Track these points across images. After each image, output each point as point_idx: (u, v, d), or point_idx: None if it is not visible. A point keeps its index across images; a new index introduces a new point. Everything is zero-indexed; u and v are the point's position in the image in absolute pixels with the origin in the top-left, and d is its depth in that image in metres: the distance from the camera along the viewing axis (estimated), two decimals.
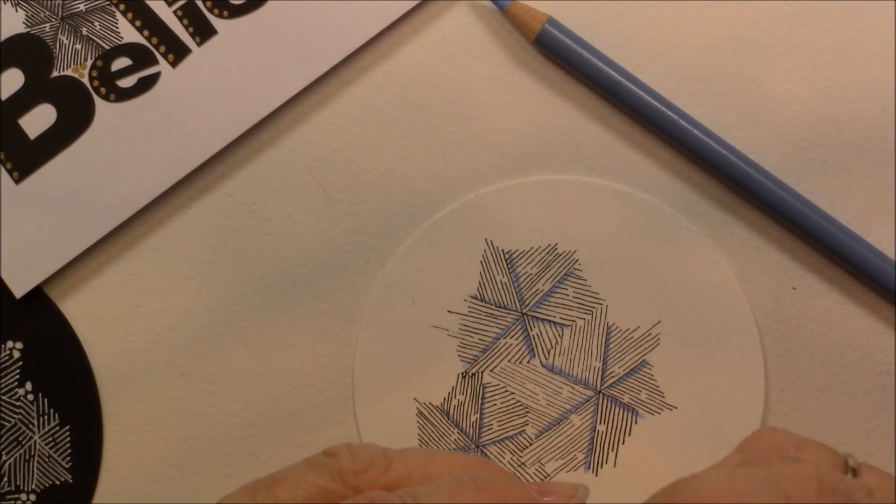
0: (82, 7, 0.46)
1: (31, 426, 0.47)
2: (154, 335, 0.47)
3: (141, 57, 0.46)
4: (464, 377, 0.45)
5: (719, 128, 0.45)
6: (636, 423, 0.45)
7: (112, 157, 0.46)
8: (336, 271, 0.46)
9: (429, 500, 0.27)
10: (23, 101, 0.46)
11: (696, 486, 0.26)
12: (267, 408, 0.46)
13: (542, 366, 0.45)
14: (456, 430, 0.45)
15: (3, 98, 0.46)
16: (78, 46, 0.46)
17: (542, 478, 0.45)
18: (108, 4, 0.46)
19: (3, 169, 0.46)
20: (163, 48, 0.46)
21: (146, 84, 0.46)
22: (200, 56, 0.46)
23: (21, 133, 0.46)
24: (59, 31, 0.46)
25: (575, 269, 0.45)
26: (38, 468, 0.47)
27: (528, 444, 0.45)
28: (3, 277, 0.46)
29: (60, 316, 0.47)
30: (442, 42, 0.46)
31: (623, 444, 0.45)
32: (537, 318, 0.45)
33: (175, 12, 0.46)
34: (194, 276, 0.47)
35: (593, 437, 0.45)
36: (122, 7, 0.46)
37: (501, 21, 0.46)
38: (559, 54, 0.45)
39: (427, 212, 0.46)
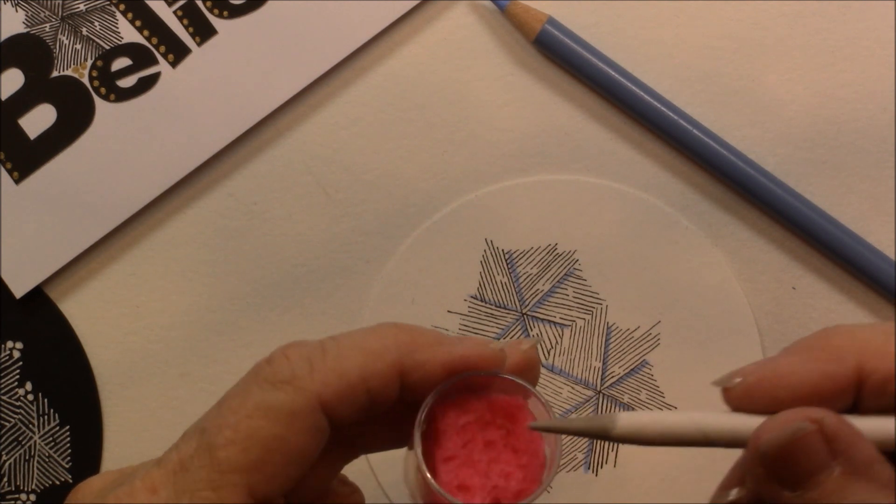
0: (82, 7, 0.46)
1: (31, 426, 0.47)
2: (154, 335, 0.47)
3: (141, 57, 0.46)
4: None
5: (719, 128, 0.45)
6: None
7: (112, 157, 0.46)
8: (336, 271, 0.46)
9: (348, 335, 0.28)
10: (23, 101, 0.46)
11: (848, 328, 0.27)
12: None
13: (543, 366, 0.45)
14: None
15: (3, 98, 0.46)
16: (78, 46, 0.46)
17: None
18: (108, 4, 0.46)
19: (3, 169, 0.46)
20: (163, 48, 0.46)
21: (146, 84, 0.46)
22: (200, 56, 0.46)
23: (21, 133, 0.46)
24: (59, 31, 0.46)
25: (575, 269, 0.45)
26: (38, 468, 0.47)
27: None
28: (3, 277, 0.46)
29: (60, 316, 0.47)
30: (442, 42, 0.46)
31: (623, 444, 0.45)
32: (537, 318, 0.45)
33: (175, 12, 0.46)
34: (194, 276, 0.47)
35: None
36: (122, 7, 0.46)
37: (501, 21, 0.46)
38: (559, 54, 0.45)
39: (427, 212, 0.46)
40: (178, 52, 0.46)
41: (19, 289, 0.46)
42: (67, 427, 0.47)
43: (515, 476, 0.30)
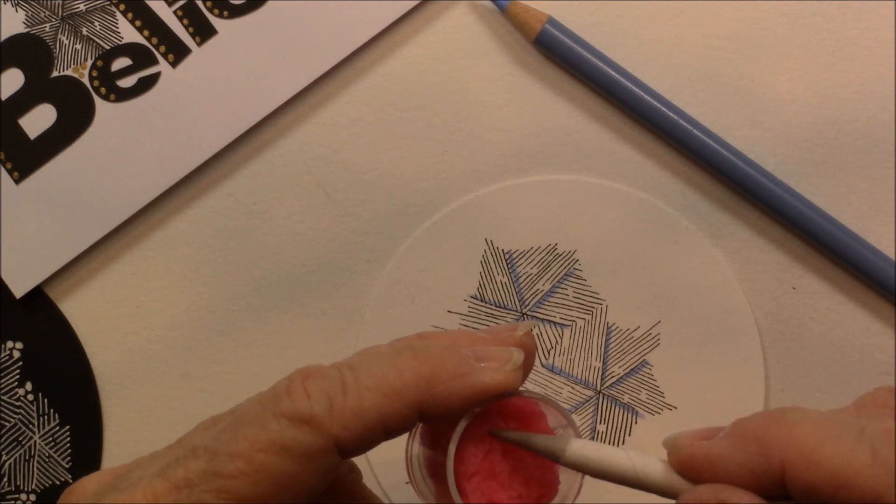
0: (82, 7, 0.46)
1: (31, 426, 0.47)
2: (154, 335, 0.47)
3: (141, 57, 0.46)
4: None
5: (719, 128, 0.45)
6: (636, 423, 0.45)
7: (112, 157, 0.46)
8: (336, 271, 0.46)
9: (367, 368, 0.28)
10: (23, 101, 0.46)
11: (795, 417, 0.27)
12: None
13: (542, 366, 0.45)
14: None
15: (3, 98, 0.46)
16: (78, 46, 0.46)
17: None
18: (108, 4, 0.46)
19: (3, 169, 0.46)
20: (163, 48, 0.46)
21: (146, 84, 0.46)
22: (200, 56, 0.46)
23: (21, 133, 0.46)
24: (59, 31, 0.46)
25: (575, 269, 0.45)
26: (38, 468, 0.47)
27: None
28: (3, 277, 0.46)
29: (60, 316, 0.47)
30: (442, 42, 0.46)
31: (623, 444, 0.45)
32: (537, 318, 0.45)
33: (175, 12, 0.46)
34: (194, 276, 0.47)
35: (593, 437, 0.45)
36: (122, 7, 0.46)
37: (501, 21, 0.46)
38: (559, 54, 0.45)
39: (427, 212, 0.46)
40: (178, 52, 0.46)
41: (19, 289, 0.46)
42: (67, 427, 0.47)
43: (535, 480, 0.30)
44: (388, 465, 0.45)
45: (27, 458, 0.47)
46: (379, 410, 0.27)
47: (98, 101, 0.46)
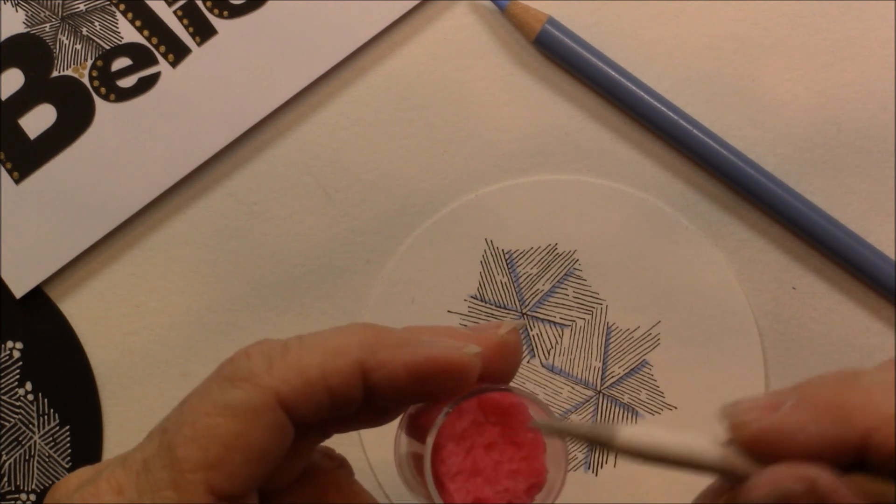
0: (82, 7, 0.46)
1: (31, 426, 0.47)
2: (154, 335, 0.47)
3: (141, 57, 0.46)
4: None
5: (719, 128, 0.45)
6: (636, 423, 0.45)
7: (112, 157, 0.46)
8: (336, 271, 0.46)
9: (312, 335, 0.28)
10: (23, 101, 0.46)
11: (869, 380, 0.25)
12: None
13: (542, 366, 0.45)
14: None
15: (3, 98, 0.46)
16: (78, 46, 0.46)
17: None
18: (108, 4, 0.46)
19: (3, 169, 0.46)
20: (163, 48, 0.46)
21: (146, 84, 0.46)
22: (200, 56, 0.46)
23: (21, 133, 0.46)
24: (59, 31, 0.46)
25: (575, 269, 0.45)
26: (38, 468, 0.47)
27: None
28: (3, 277, 0.46)
29: (60, 316, 0.47)
30: (442, 42, 0.46)
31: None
32: (537, 318, 0.45)
33: (175, 12, 0.46)
34: (194, 276, 0.47)
35: None
36: (122, 7, 0.46)
37: (501, 21, 0.46)
38: (559, 54, 0.45)
39: (427, 212, 0.46)
40: (178, 52, 0.46)
41: (19, 289, 0.46)
42: (67, 427, 0.47)
43: (522, 471, 0.30)
44: (388, 464, 0.45)
45: (27, 458, 0.47)
46: (320, 366, 0.27)
47: (98, 101, 0.46)
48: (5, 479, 0.47)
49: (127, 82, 0.46)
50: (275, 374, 0.27)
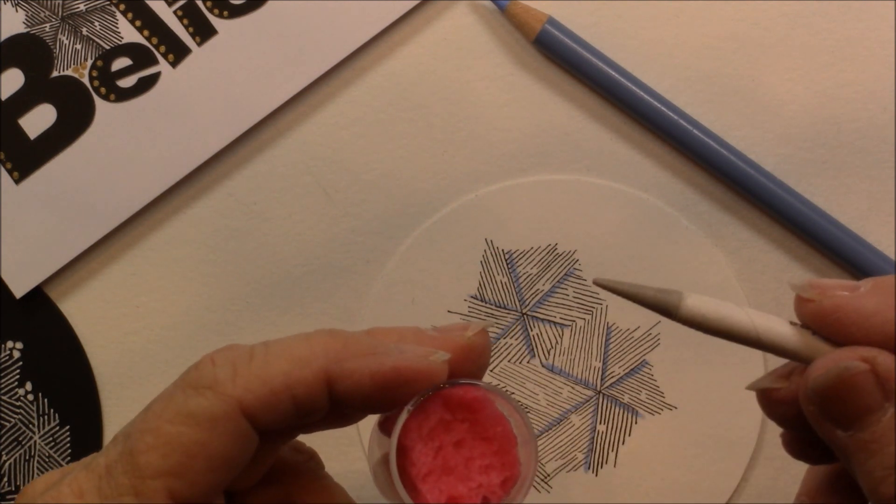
0: (82, 7, 0.46)
1: (31, 426, 0.47)
2: (154, 335, 0.47)
3: (141, 57, 0.46)
4: None
5: (719, 128, 0.45)
6: (636, 423, 0.45)
7: (112, 157, 0.46)
8: (336, 271, 0.46)
9: (279, 341, 0.28)
10: (23, 101, 0.46)
11: None
12: None
13: (542, 366, 0.45)
14: None
15: (3, 98, 0.46)
16: (78, 46, 0.46)
17: (543, 478, 0.45)
18: (108, 4, 0.46)
19: (3, 169, 0.46)
20: (163, 48, 0.46)
21: (146, 84, 0.46)
22: (200, 56, 0.46)
23: (21, 133, 0.46)
24: (59, 31, 0.46)
25: (575, 269, 0.45)
26: (38, 468, 0.47)
27: None
28: (3, 277, 0.46)
29: (60, 316, 0.47)
30: (442, 42, 0.46)
31: (623, 444, 0.45)
32: (537, 318, 0.45)
33: (175, 12, 0.46)
34: (194, 276, 0.47)
35: (593, 437, 0.45)
36: (122, 7, 0.46)
37: (501, 21, 0.46)
38: (559, 54, 0.45)
39: (427, 212, 0.46)
40: (178, 52, 0.46)
41: (19, 289, 0.46)
42: (67, 427, 0.47)
43: (495, 466, 0.30)
44: None
45: (27, 458, 0.47)
46: (284, 375, 0.27)
47: (98, 101, 0.46)
48: (5, 479, 0.47)
49: (127, 82, 0.46)
50: (238, 382, 0.27)
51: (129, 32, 0.46)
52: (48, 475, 0.30)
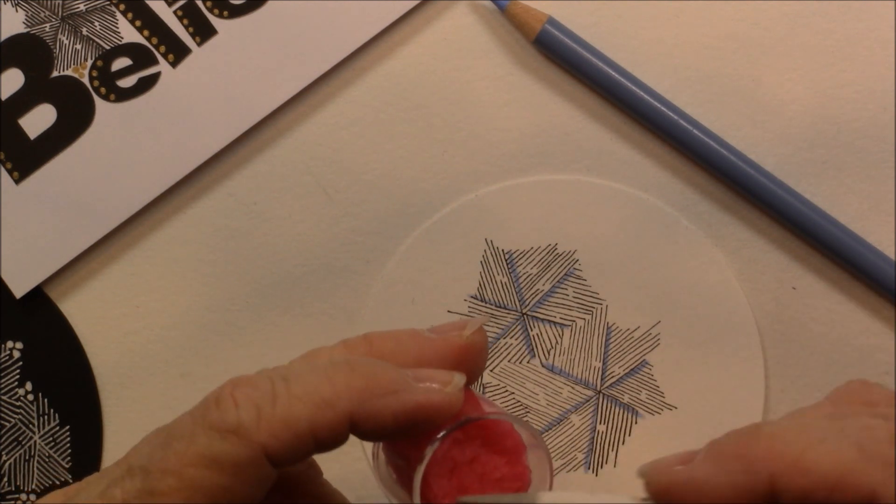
0: (82, 7, 0.46)
1: (31, 426, 0.47)
2: (154, 335, 0.47)
3: (141, 57, 0.46)
4: None
5: (719, 128, 0.45)
6: (636, 423, 0.45)
7: (112, 157, 0.46)
8: (336, 271, 0.46)
9: (300, 378, 0.28)
10: (23, 101, 0.46)
11: (772, 430, 0.26)
12: None
13: (542, 366, 0.45)
14: None
15: (3, 98, 0.46)
16: (78, 46, 0.46)
17: None
18: (108, 4, 0.46)
19: (3, 169, 0.46)
20: (163, 48, 0.46)
21: (146, 84, 0.46)
22: (200, 56, 0.46)
23: (21, 133, 0.46)
24: (59, 31, 0.46)
25: (575, 269, 0.45)
26: (38, 468, 0.47)
27: None
28: (3, 277, 0.46)
29: (60, 316, 0.47)
30: (442, 42, 0.46)
31: (623, 444, 0.45)
32: (537, 318, 0.45)
33: (175, 12, 0.46)
34: (194, 276, 0.47)
35: (593, 437, 0.45)
36: (122, 7, 0.46)
37: (501, 21, 0.46)
38: (559, 54, 0.45)
39: (427, 212, 0.46)
40: (178, 52, 0.46)
41: (19, 289, 0.46)
42: (67, 427, 0.47)
43: (507, 476, 0.30)
44: None
45: (27, 458, 0.47)
46: (309, 420, 0.27)
47: (98, 101, 0.46)
48: (5, 479, 0.47)
49: (127, 82, 0.46)
50: (263, 426, 0.27)
51: (129, 32, 0.46)
52: (50, 497, 0.29)
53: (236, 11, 0.46)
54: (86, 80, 0.46)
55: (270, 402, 0.27)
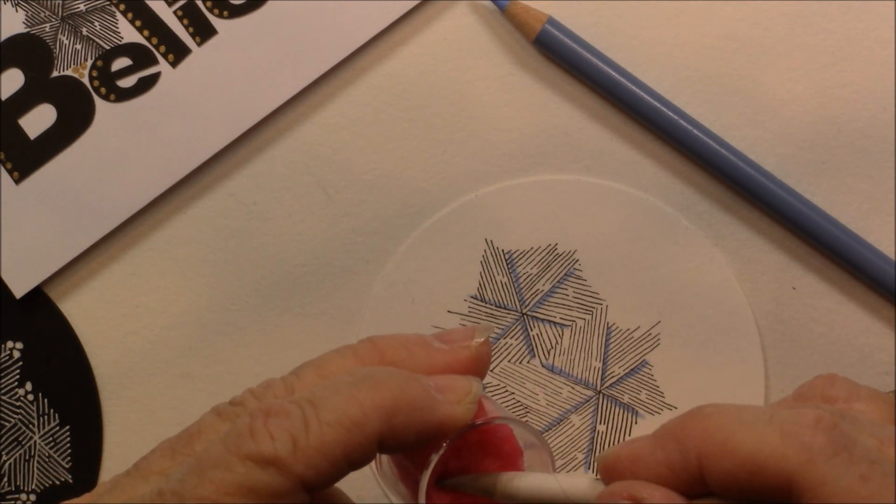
0: (82, 7, 0.46)
1: (31, 426, 0.47)
2: (154, 335, 0.47)
3: (141, 57, 0.46)
4: None
5: (719, 128, 0.45)
6: (636, 423, 0.45)
7: (112, 157, 0.46)
8: (336, 271, 0.46)
9: (328, 402, 0.28)
10: (23, 101, 0.46)
11: (710, 411, 0.27)
12: None
13: (542, 366, 0.45)
14: None
15: (3, 98, 0.46)
16: (78, 46, 0.46)
17: None
18: (108, 4, 0.46)
19: (3, 169, 0.46)
20: (163, 48, 0.46)
21: (146, 84, 0.46)
22: (200, 56, 0.46)
23: (21, 133, 0.46)
24: (59, 31, 0.46)
25: (575, 269, 0.45)
26: (38, 468, 0.47)
27: None
28: (3, 277, 0.46)
29: (60, 316, 0.47)
30: (442, 42, 0.46)
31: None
32: (537, 318, 0.45)
33: (175, 12, 0.46)
34: (194, 276, 0.47)
35: (593, 437, 0.45)
36: (122, 7, 0.46)
37: (501, 21, 0.46)
38: (559, 54, 0.45)
39: (427, 212, 0.46)
40: (178, 52, 0.46)
41: (19, 289, 0.46)
42: (67, 427, 0.47)
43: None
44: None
45: (27, 458, 0.47)
46: (342, 445, 0.27)
47: (98, 101, 0.46)
48: (5, 479, 0.47)
49: (127, 82, 0.46)
50: (299, 457, 0.27)
51: (129, 32, 0.46)
52: None
53: (236, 11, 0.46)
54: (86, 80, 0.46)
55: (304, 431, 0.27)
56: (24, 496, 0.47)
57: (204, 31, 0.46)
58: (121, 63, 0.46)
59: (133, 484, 0.28)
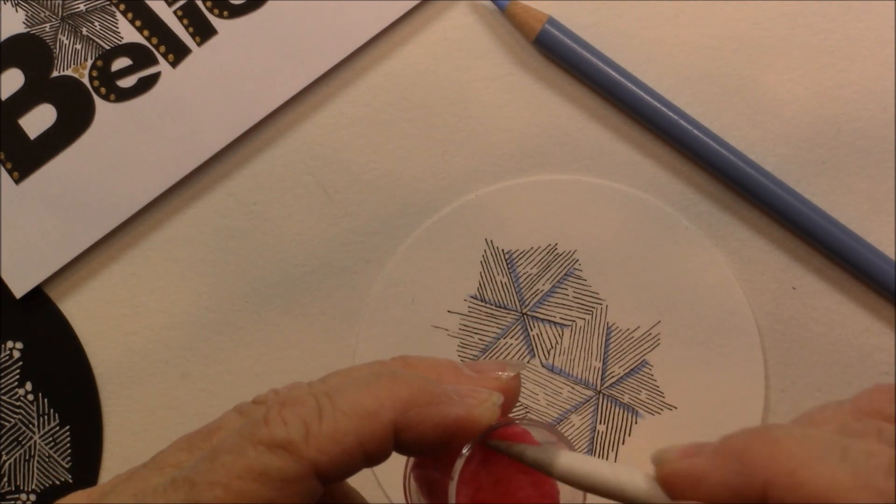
0: (82, 7, 0.46)
1: (31, 426, 0.47)
2: (154, 335, 0.47)
3: (141, 57, 0.46)
4: None
5: (719, 128, 0.45)
6: (636, 423, 0.45)
7: (112, 157, 0.46)
8: (336, 271, 0.46)
9: (344, 393, 0.28)
10: (23, 101, 0.46)
11: (779, 435, 0.26)
12: None
13: (542, 366, 0.45)
14: None
15: (3, 98, 0.46)
16: (78, 46, 0.46)
17: None
18: (108, 4, 0.46)
19: (3, 169, 0.46)
20: (163, 48, 0.46)
21: (146, 84, 0.46)
22: (200, 56, 0.46)
23: (21, 133, 0.46)
24: (59, 31, 0.46)
25: (575, 269, 0.45)
26: (38, 468, 0.47)
27: None
28: (3, 277, 0.46)
29: (60, 316, 0.47)
30: (442, 42, 0.46)
31: (623, 444, 0.45)
32: (537, 318, 0.45)
33: (175, 12, 0.46)
34: (194, 276, 0.47)
35: (593, 437, 0.45)
36: (122, 7, 0.46)
37: (501, 21, 0.46)
38: (559, 54, 0.45)
39: (427, 212, 0.46)
40: (178, 52, 0.46)
41: (19, 289, 0.46)
42: (67, 427, 0.47)
43: (533, 497, 0.30)
44: (387, 464, 0.45)
45: (27, 458, 0.47)
46: (356, 434, 0.27)
47: (98, 101, 0.46)
48: (5, 479, 0.47)
49: (127, 82, 0.46)
50: (312, 443, 0.27)
51: (129, 32, 0.46)
52: (73, 498, 0.29)
53: (236, 11, 0.46)
54: (86, 80, 0.46)
55: (317, 418, 0.27)
56: (24, 496, 0.47)
57: (204, 31, 0.46)
58: (121, 63, 0.46)
59: (147, 475, 0.28)
